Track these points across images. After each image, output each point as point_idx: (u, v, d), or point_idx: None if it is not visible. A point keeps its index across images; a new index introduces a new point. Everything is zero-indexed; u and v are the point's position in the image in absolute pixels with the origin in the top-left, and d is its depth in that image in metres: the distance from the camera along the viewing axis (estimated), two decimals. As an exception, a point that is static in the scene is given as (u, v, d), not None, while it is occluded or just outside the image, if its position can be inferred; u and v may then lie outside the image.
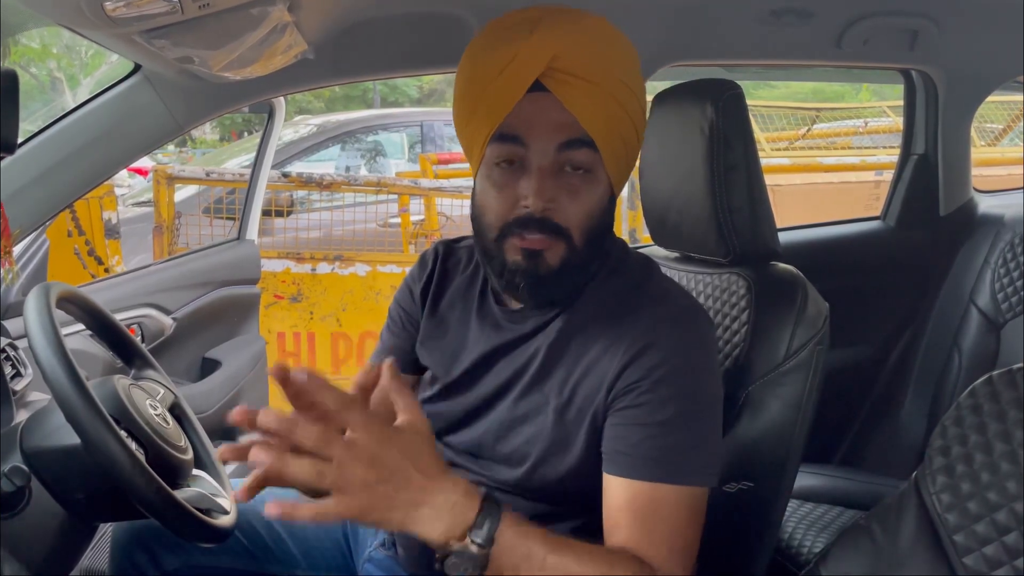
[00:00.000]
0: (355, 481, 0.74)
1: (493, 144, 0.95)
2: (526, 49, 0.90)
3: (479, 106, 0.95)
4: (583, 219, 0.95)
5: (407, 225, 3.77)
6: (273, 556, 1.22)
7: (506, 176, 0.95)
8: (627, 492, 0.92)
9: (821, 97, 8.59)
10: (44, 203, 1.42)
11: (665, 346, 0.94)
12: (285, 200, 3.63)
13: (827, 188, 4.80)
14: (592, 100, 0.92)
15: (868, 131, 5.91)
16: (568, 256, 0.96)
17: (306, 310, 3.34)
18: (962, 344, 1.99)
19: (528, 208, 0.93)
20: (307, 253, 3.35)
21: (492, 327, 1.07)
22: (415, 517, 0.78)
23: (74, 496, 0.97)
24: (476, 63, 0.96)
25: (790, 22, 1.67)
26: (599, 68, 0.92)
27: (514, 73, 0.91)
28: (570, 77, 0.91)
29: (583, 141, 0.93)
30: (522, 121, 0.93)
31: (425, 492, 0.78)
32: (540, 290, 0.98)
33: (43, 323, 0.92)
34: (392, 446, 0.77)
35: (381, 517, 0.77)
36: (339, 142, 5.29)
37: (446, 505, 0.79)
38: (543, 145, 0.93)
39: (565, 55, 0.90)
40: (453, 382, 1.08)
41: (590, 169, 0.95)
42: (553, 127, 0.92)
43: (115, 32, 0.95)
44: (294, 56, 1.25)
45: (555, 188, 0.94)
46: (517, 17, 0.95)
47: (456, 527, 0.79)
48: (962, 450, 0.77)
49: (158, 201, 3.28)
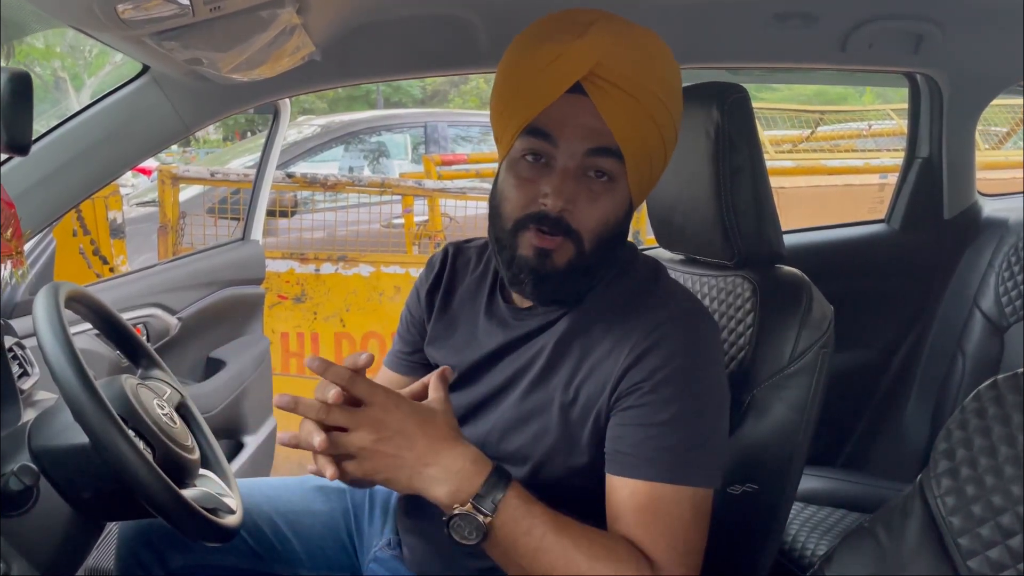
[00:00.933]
0: (362, 443, 0.86)
1: (523, 137, 0.96)
2: (572, 51, 0.92)
3: (516, 97, 0.96)
4: (598, 225, 0.96)
5: (411, 226, 3.77)
6: (278, 556, 1.22)
7: (531, 170, 0.97)
8: (629, 492, 0.93)
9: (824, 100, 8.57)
10: (52, 203, 1.43)
11: (668, 347, 0.95)
12: (289, 200, 3.63)
13: (831, 191, 4.79)
14: (627, 112, 0.93)
15: (872, 134, 5.90)
16: (576, 259, 0.97)
17: (310, 310, 3.35)
18: (966, 348, 1.99)
19: (546, 206, 0.95)
20: (311, 254, 3.35)
21: (499, 324, 1.08)
22: (422, 476, 0.87)
23: (82, 495, 0.97)
24: (522, 54, 0.97)
25: (795, 26, 1.67)
26: (640, 82, 0.93)
27: (556, 72, 0.92)
28: (610, 86, 0.92)
29: (611, 150, 0.94)
30: (555, 120, 0.94)
31: (432, 454, 0.86)
32: (544, 288, 0.99)
33: (52, 323, 0.92)
34: (397, 410, 0.87)
35: (389, 476, 0.87)
36: (343, 143, 5.29)
37: (452, 468, 0.86)
38: (572, 146, 0.94)
39: (609, 63, 0.91)
40: (459, 377, 1.09)
41: (613, 178, 0.96)
42: (584, 131, 0.94)
43: (126, 34, 0.95)
44: (302, 58, 1.26)
45: (575, 190, 0.95)
46: (570, 17, 0.96)
47: (462, 492, 0.85)
48: (967, 453, 0.77)
49: (163, 201, 3.28)
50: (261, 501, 1.24)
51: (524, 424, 1.03)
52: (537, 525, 0.86)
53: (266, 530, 1.22)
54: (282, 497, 1.27)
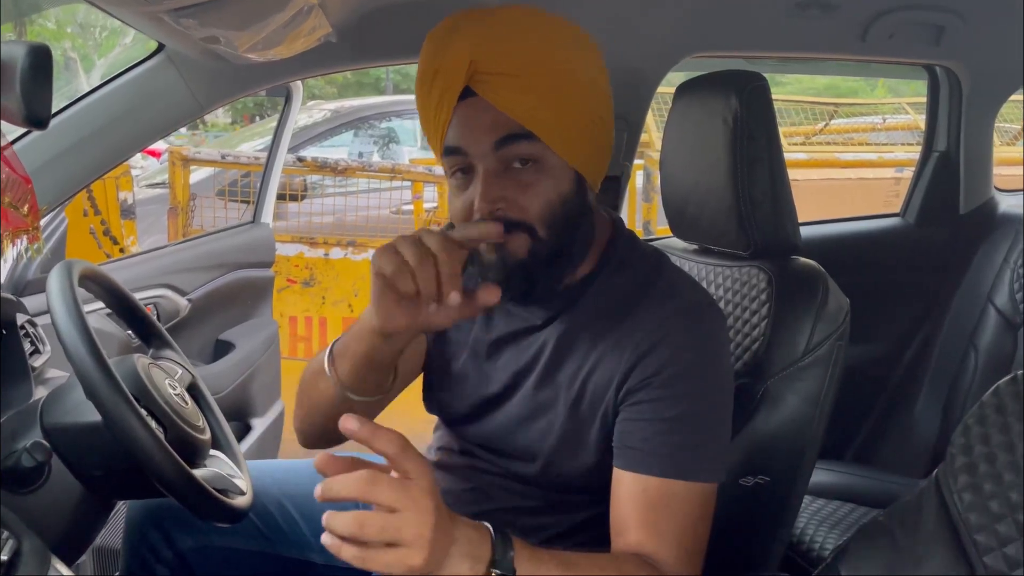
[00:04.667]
0: (419, 530, 0.72)
1: (444, 158, 0.96)
2: (444, 62, 0.90)
3: (424, 122, 0.97)
4: (542, 210, 0.93)
5: (420, 212, 3.77)
6: (287, 539, 1.22)
7: (462, 183, 0.95)
8: (637, 487, 0.92)
9: (835, 93, 8.52)
10: (67, 180, 1.43)
11: (675, 342, 0.94)
12: (299, 185, 3.63)
13: (845, 184, 4.76)
14: (521, 93, 0.90)
15: (886, 127, 5.86)
16: (535, 247, 0.94)
17: (318, 295, 3.35)
18: (979, 343, 1.98)
19: (479, 212, 0.92)
20: (320, 238, 3.36)
21: (501, 315, 1.07)
22: (448, 559, 0.76)
23: (93, 473, 0.97)
24: (417, 83, 0.96)
25: (815, 15, 1.66)
26: (520, 60, 0.90)
27: (439, 89, 0.91)
28: (492, 76, 0.90)
29: (519, 135, 0.91)
30: (459, 131, 0.93)
31: (449, 533, 0.76)
32: (512, 283, 0.95)
33: (66, 301, 0.92)
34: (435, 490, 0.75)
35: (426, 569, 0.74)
36: (352, 128, 5.28)
37: (463, 541, 0.77)
38: (481, 148, 0.92)
39: (483, 57, 0.89)
40: (462, 371, 1.09)
41: (539, 160, 0.93)
42: (486, 128, 0.92)
43: (143, 10, 0.94)
44: (317, 39, 1.25)
45: (502, 186, 0.92)
46: (441, 28, 0.94)
47: (479, 562, 0.77)
48: (984, 449, 0.76)
49: (173, 183, 3.29)
50: (270, 484, 1.24)
51: (532, 421, 1.02)
52: (553, 567, 0.83)
53: (274, 513, 1.22)
54: (291, 480, 1.27)
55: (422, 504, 0.72)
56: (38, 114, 0.77)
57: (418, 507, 0.71)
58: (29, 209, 0.90)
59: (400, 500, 0.71)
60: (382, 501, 0.71)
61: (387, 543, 0.71)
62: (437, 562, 0.74)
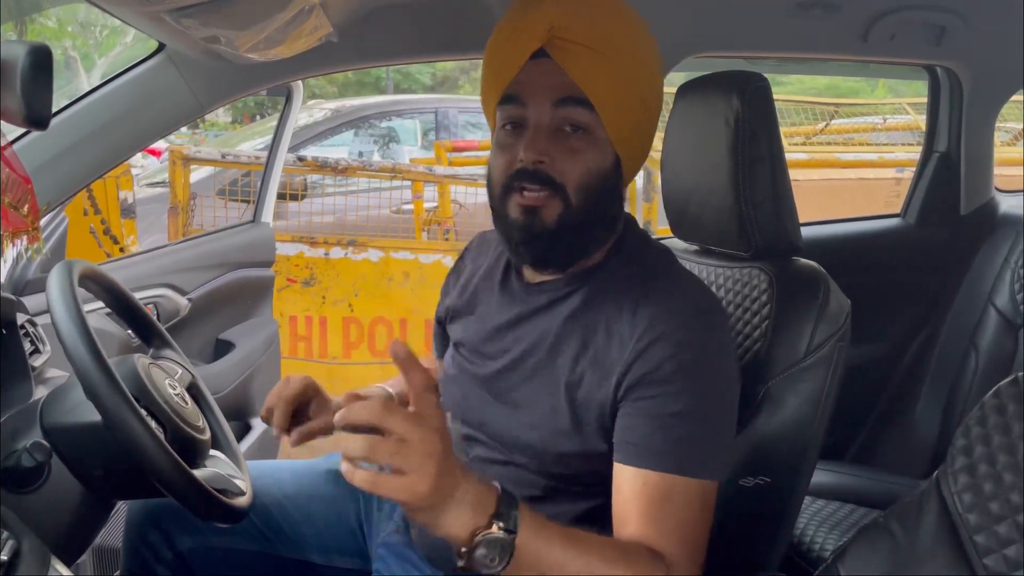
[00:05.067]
0: (417, 459, 0.75)
1: (500, 108, 1.01)
2: (527, 21, 0.97)
3: (490, 73, 1.02)
4: (580, 176, 0.98)
5: (420, 212, 3.77)
6: (287, 539, 1.23)
7: (510, 137, 1.01)
8: (638, 482, 0.92)
9: (835, 93, 8.52)
10: (67, 180, 1.43)
11: (676, 339, 0.94)
12: (299, 184, 3.63)
13: (845, 184, 4.76)
14: (589, 63, 0.96)
15: (887, 128, 5.85)
16: (564, 215, 0.98)
17: (318, 294, 3.35)
18: (979, 344, 1.98)
19: (523, 162, 0.97)
20: (320, 237, 3.35)
21: (510, 299, 1.10)
22: (450, 502, 0.78)
23: (93, 472, 0.97)
24: (494, 34, 1.02)
25: (817, 15, 1.66)
26: (597, 35, 0.96)
27: (516, 42, 0.97)
28: (568, 43, 0.96)
29: (578, 100, 0.97)
30: (523, 84, 0.99)
31: (455, 479, 0.79)
32: (535, 247, 1.00)
33: (66, 301, 0.92)
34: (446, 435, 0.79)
35: (427, 503, 0.77)
36: (353, 127, 5.29)
37: (469, 492, 0.79)
38: (540, 103, 0.98)
39: (565, 25, 0.95)
40: (474, 351, 1.11)
41: (589, 130, 0.98)
42: (550, 87, 0.97)
43: (144, 10, 0.94)
44: (318, 39, 1.25)
45: (550, 144, 0.98)
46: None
47: (481, 516, 0.80)
48: (985, 450, 0.76)
49: (173, 182, 3.28)
50: (270, 484, 1.24)
51: (535, 402, 1.03)
52: (554, 537, 0.84)
53: (275, 513, 1.23)
54: (291, 480, 1.27)
55: (429, 439, 0.76)
56: (38, 114, 0.77)
57: (425, 441, 0.75)
58: (29, 209, 0.90)
59: (410, 431, 0.75)
60: (393, 428, 0.75)
61: (395, 470, 0.75)
62: (442, 496, 0.77)
